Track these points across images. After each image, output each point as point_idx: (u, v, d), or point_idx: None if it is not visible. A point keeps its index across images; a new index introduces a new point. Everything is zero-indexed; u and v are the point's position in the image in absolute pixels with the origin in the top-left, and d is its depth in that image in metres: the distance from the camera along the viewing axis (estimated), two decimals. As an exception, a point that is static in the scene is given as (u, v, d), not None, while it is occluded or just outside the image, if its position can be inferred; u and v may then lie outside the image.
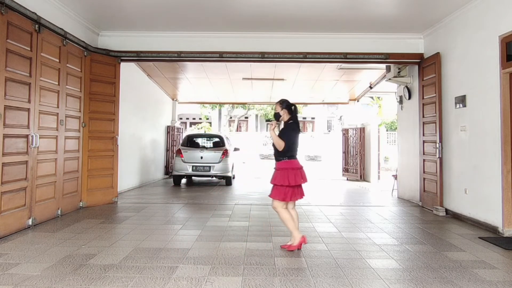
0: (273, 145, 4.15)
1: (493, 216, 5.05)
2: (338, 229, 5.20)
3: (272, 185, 4.12)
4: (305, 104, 22.90)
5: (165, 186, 10.28)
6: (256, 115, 33.83)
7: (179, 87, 12.11)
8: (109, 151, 6.97)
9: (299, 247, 4.07)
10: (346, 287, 3.09)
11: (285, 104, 4.17)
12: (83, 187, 6.49)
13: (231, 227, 5.20)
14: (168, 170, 12.68)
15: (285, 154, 4.03)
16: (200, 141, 11.24)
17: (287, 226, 4.11)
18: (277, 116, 4.21)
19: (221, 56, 7.16)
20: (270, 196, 4.11)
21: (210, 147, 10.71)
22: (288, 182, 3.94)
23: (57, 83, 5.65)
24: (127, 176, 8.94)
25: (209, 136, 11.76)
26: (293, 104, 4.20)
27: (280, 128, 4.25)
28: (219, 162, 10.10)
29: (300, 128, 4.24)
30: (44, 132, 5.32)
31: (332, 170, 15.43)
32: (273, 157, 4.22)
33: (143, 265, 3.56)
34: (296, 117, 4.19)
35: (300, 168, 4.08)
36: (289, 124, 4.17)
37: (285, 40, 7.15)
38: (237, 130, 31.94)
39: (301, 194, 4.12)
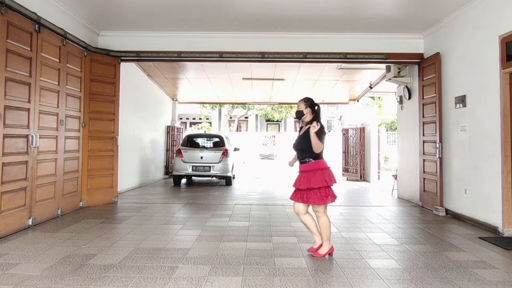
0: (295, 146, 3.98)
1: (493, 216, 5.05)
2: (338, 229, 5.20)
3: (298, 190, 3.87)
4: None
5: (165, 186, 10.28)
6: (256, 115, 33.80)
7: (179, 87, 12.11)
8: (109, 151, 6.97)
9: (331, 253, 3.92)
10: (346, 287, 3.09)
11: (309, 103, 3.93)
12: (83, 187, 6.49)
13: (231, 227, 5.20)
14: (168, 170, 12.68)
15: (314, 154, 3.80)
16: (200, 141, 11.23)
17: (323, 233, 3.84)
18: (299, 115, 3.98)
19: (221, 56, 7.16)
20: (313, 203, 3.77)
21: (210, 147, 10.71)
22: (327, 183, 3.77)
23: (57, 83, 5.65)
24: (127, 176, 8.94)
25: (209, 136, 11.75)
26: (317, 104, 3.97)
27: (301, 127, 4.02)
28: (219, 162, 10.11)
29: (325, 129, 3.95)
30: (44, 132, 5.31)
31: (332, 170, 15.41)
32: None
33: (143, 265, 3.56)
34: (319, 117, 3.93)
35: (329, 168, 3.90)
36: (322, 126, 3.82)
37: (285, 40, 7.15)
38: (237, 130, 31.92)
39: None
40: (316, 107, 3.94)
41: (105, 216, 5.88)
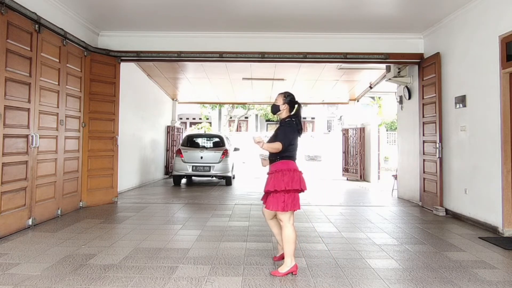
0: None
1: (493, 216, 5.05)
2: (338, 229, 5.20)
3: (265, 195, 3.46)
4: (305, 104, 22.89)
5: (165, 186, 10.28)
6: (256, 115, 33.82)
7: (179, 87, 12.11)
8: (109, 151, 6.97)
9: (294, 272, 3.33)
10: (346, 287, 3.09)
11: (289, 99, 3.49)
12: (83, 187, 6.49)
13: (231, 227, 5.20)
14: (168, 170, 12.69)
15: (281, 153, 3.35)
16: (200, 141, 11.23)
17: (284, 248, 3.32)
18: (274, 109, 3.54)
19: (221, 56, 7.16)
20: (267, 208, 3.37)
21: (210, 147, 10.71)
22: (285, 186, 3.25)
23: (57, 83, 5.65)
24: (127, 176, 8.94)
25: (209, 136, 11.75)
26: (298, 102, 3.54)
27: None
28: (219, 162, 10.11)
29: (301, 129, 3.52)
30: (44, 132, 5.31)
31: (332, 170, 15.42)
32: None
33: (143, 265, 3.56)
34: (299, 116, 3.53)
35: (299, 171, 3.39)
36: (286, 121, 3.48)
37: (285, 40, 7.15)
38: (237, 130, 31.93)
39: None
40: (296, 105, 3.54)
41: (105, 216, 5.88)
